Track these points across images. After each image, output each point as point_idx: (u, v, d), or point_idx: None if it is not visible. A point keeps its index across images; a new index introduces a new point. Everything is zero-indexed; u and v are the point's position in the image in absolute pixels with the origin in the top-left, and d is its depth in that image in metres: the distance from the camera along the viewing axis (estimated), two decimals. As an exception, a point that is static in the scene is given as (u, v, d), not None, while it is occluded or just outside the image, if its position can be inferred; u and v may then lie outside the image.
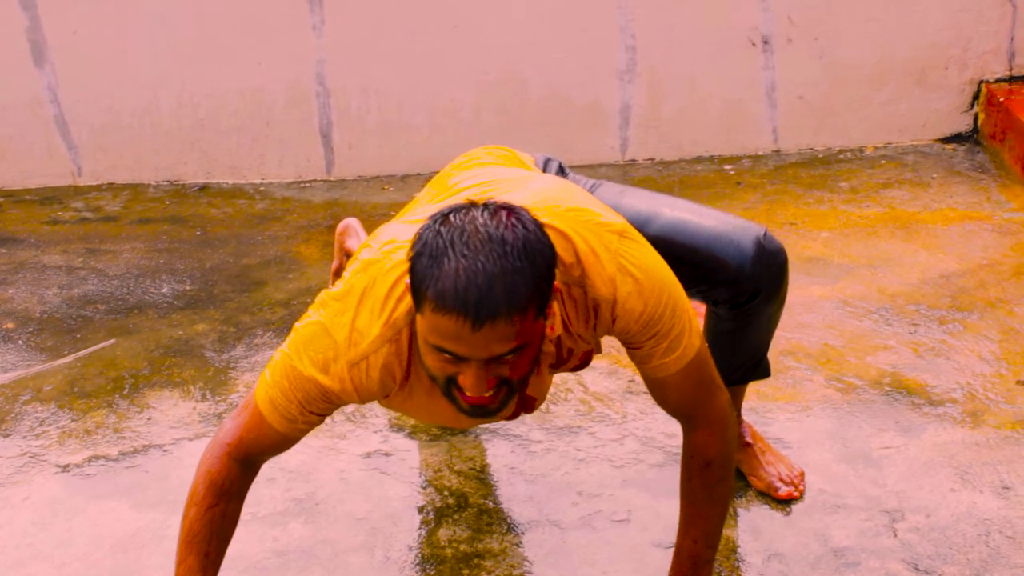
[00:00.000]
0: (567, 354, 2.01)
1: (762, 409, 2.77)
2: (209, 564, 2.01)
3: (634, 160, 4.14)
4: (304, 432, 2.00)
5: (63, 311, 3.30)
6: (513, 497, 2.55)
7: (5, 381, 2.99)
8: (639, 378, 2.91)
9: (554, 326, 1.85)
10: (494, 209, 1.74)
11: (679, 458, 2.17)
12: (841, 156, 4.09)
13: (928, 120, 4.15)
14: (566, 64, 4.02)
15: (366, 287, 1.87)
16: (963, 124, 4.16)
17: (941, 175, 3.94)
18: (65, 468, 2.67)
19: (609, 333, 1.98)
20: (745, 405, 2.60)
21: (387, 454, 2.68)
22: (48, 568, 2.40)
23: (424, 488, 2.58)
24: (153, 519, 2.50)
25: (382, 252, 1.91)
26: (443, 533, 2.46)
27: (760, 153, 4.13)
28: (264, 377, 1.97)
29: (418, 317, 1.76)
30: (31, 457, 2.71)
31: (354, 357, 1.87)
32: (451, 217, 1.74)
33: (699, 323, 2.03)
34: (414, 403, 2.01)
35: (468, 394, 1.79)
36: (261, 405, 1.96)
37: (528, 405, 2.06)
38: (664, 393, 2.04)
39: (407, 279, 1.79)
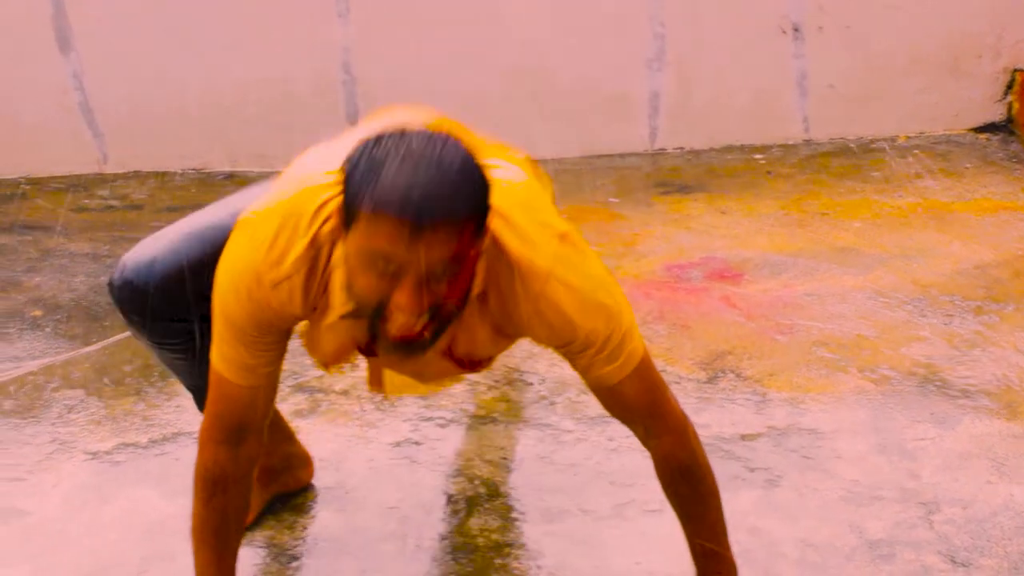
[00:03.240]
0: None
1: (796, 400, 2.74)
2: (226, 552, 1.99)
3: (663, 149, 4.11)
4: (271, 375, 1.91)
5: (90, 299, 3.29)
6: (544, 486, 2.53)
7: (34, 368, 2.98)
8: (670, 368, 2.88)
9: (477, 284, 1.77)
10: (429, 134, 1.65)
11: (710, 447, 2.13)
12: (873, 146, 4.05)
13: (961, 109, 4.10)
14: (595, 53, 3.99)
15: (292, 204, 1.78)
16: (997, 113, 4.11)
17: (975, 165, 3.89)
18: (94, 455, 2.66)
19: (530, 339, 1.91)
20: (780, 396, 2.57)
21: (417, 443, 2.66)
22: (78, 554, 2.39)
23: (455, 477, 2.56)
24: (182, 506, 2.48)
25: (307, 173, 1.82)
26: (474, 522, 2.44)
27: (791, 142, 4.10)
28: (213, 340, 1.89)
29: (349, 238, 1.65)
30: (60, 444, 2.70)
31: (276, 277, 1.78)
32: (384, 140, 1.65)
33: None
34: (313, 332, 1.92)
35: (399, 321, 1.68)
36: (218, 366, 1.89)
37: (469, 364, 1.98)
38: (612, 401, 1.96)
39: (336, 199, 1.69)
